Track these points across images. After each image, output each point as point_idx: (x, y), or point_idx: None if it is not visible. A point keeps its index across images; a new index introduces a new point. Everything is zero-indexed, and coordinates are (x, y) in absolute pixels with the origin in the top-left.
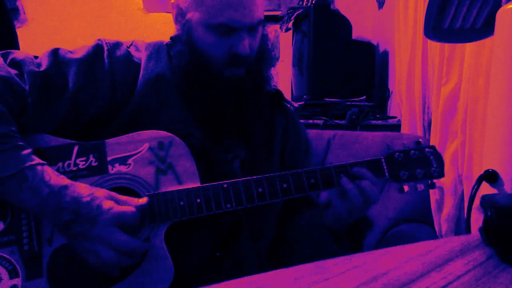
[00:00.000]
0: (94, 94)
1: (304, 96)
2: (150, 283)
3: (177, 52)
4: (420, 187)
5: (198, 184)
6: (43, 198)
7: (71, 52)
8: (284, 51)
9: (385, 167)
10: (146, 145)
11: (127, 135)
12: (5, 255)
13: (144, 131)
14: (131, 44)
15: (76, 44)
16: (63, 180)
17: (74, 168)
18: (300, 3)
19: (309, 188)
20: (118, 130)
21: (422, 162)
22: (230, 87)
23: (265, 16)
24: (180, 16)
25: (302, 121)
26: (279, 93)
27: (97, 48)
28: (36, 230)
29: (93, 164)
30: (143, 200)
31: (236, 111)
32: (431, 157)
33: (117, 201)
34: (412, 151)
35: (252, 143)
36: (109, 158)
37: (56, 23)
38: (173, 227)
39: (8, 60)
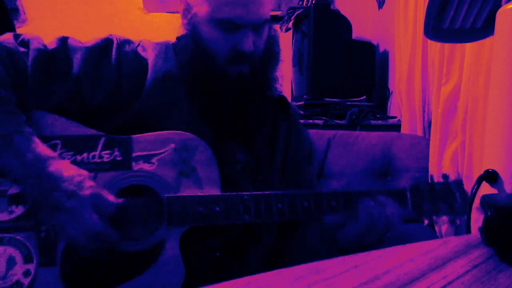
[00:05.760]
0: (98, 83)
1: (304, 96)
2: (160, 285)
3: (182, 47)
4: (441, 221)
5: (218, 192)
6: (26, 163)
7: (81, 42)
8: (284, 51)
9: (409, 198)
10: (172, 146)
11: (154, 133)
12: (21, 239)
13: (171, 131)
14: (138, 44)
15: None
16: (50, 152)
17: (98, 160)
18: (300, 3)
19: (329, 210)
20: (125, 124)
21: (447, 196)
22: (234, 84)
23: None
24: (186, 10)
25: (302, 121)
26: (283, 99)
27: (107, 41)
28: None
29: (118, 158)
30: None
31: (239, 110)
32: (457, 193)
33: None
34: (438, 185)
35: (255, 149)
36: (134, 155)
37: (56, 23)
38: (185, 232)
39: (19, 40)
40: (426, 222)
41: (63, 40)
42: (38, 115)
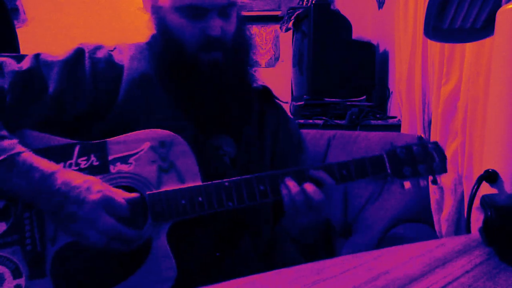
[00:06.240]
0: (77, 93)
1: (304, 96)
2: (153, 282)
3: (153, 42)
4: (423, 183)
5: (200, 183)
6: (34, 181)
7: (53, 56)
8: (284, 51)
9: (387, 163)
10: (148, 144)
11: (128, 134)
12: (7, 255)
13: (145, 130)
14: (114, 48)
15: (76, 43)
16: (54, 165)
17: (76, 168)
18: (300, 3)
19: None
20: (108, 129)
21: (425, 157)
22: (208, 72)
23: (265, 16)
24: (153, 6)
25: (301, 121)
26: (266, 90)
27: (78, 51)
28: (39, 230)
29: (95, 163)
30: (134, 194)
31: (221, 102)
32: (434, 152)
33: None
34: (415, 147)
35: (242, 141)
36: (110, 158)
37: (56, 23)
38: (175, 226)
39: None
40: (407, 185)
41: (36, 57)
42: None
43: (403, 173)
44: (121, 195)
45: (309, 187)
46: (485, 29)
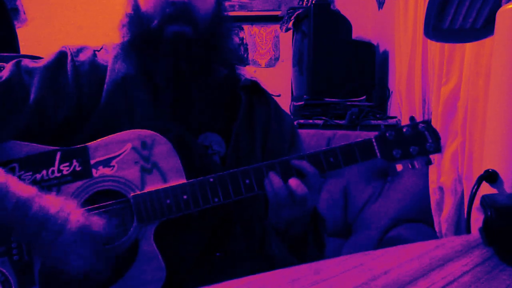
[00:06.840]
0: (59, 99)
1: (304, 96)
2: (142, 284)
3: (126, 22)
4: (417, 164)
5: (184, 181)
6: (9, 210)
7: (35, 61)
8: (284, 51)
9: (376, 147)
10: (129, 145)
11: (108, 136)
12: None
13: (126, 131)
14: (101, 48)
15: (77, 43)
16: (30, 191)
17: (58, 175)
18: (300, 3)
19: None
20: (93, 133)
21: (417, 138)
22: (175, 45)
23: (265, 16)
24: None
25: (301, 121)
26: (255, 84)
27: (61, 55)
28: None
29: (77, 169)
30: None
31: (203, 96)
32: (426, 132)
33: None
34: (405, 128)
35: (231, 139)
36: (92, 162)
37: (56, 23)
38: (163, 226)
39: None
40: (400, 168)
41: (17, 65)
42: None
43: (393, 156)
44: (99, 223)
45: (292, 181)
46: (485, 29)
